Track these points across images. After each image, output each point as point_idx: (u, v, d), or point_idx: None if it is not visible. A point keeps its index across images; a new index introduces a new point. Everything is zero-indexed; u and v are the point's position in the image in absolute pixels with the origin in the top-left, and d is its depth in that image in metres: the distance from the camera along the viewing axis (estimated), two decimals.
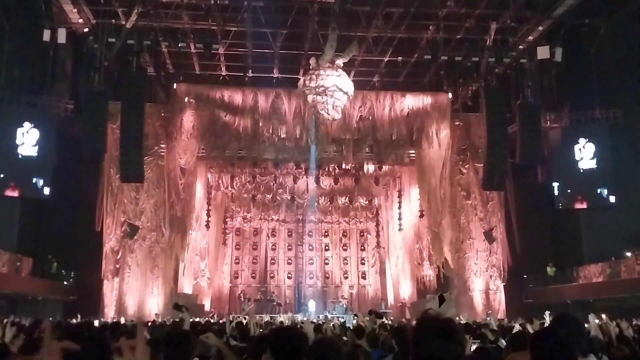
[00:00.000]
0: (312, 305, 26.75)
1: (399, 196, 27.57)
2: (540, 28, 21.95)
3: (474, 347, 6.04)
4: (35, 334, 7.98)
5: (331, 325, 12.78)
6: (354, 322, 16.90)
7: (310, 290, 28.85)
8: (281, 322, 15.64)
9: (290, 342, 2.84)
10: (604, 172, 25.06)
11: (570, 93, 26.28)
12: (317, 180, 27.01)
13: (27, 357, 2.28)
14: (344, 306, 26.26)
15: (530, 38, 22.41)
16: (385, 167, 26.28)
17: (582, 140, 25.51)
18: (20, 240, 23.37)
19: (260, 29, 21.87)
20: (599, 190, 25.03)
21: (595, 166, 25.28)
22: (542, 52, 22.33)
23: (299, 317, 20.52)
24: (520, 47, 22.83)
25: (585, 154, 25.45)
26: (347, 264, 30.44)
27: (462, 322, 15.63)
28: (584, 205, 25.28)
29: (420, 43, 22.94)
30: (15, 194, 23.08)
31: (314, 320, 17.14)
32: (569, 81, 25.92)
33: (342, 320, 19.89)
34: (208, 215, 26.94)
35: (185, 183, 24.06)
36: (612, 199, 24.63)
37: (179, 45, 21.99)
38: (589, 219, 25.81)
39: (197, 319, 16.36)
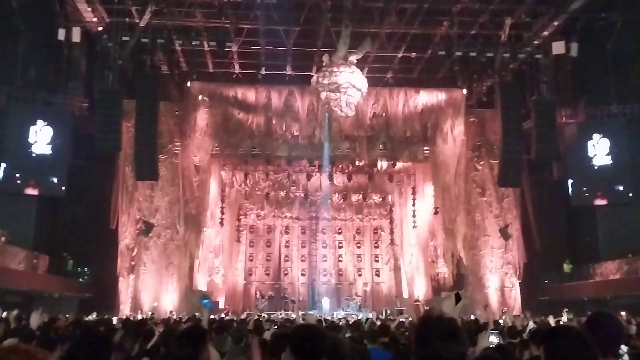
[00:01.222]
0: (325, 303, 26.73)
1: (413, 193, 27.47)
2: (556, 23, 21.75)
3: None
4: (51, 333, 8.04)
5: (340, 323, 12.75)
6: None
7: (324, 288, 28.76)
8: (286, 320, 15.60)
9: (311, 341, 2.81)
10: (621, 168, 24.78)
11: (586, 88, 25.98)
12: (331, 178, 26.94)
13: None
14: (358, 304, 26.22)
15: (546, 33, 22.20)
16: (399, 164, 26.19)
17: (597, 136, 25.23)
18: (37, 238, 23.59)
19: (273, 27, 21.86)
20: (615, 187, 24.74)
21: (611, 162, 24.99)
22: (558, 47, 22.12)
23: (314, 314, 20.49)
24: (535, 42, 22.62)
25: (600, 150, 25.17)
26: (360, 261, 30.32)
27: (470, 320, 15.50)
28: (604, 202, 24.99)
29: (434, 39, 22.79)
30: (36, 192, 23.35)
31: (328, 318, 17.17)
32: (584, 76, 25.63)
33: (356, 317, 19.86)
34: (222, 212, 27.01)
35: (199, 181, 24.17)
36: (630, 195, 24.34)
37: (193, 43, 22.10)
38: (605, 216, 25.53)
39: (211, 316, 16.42)
